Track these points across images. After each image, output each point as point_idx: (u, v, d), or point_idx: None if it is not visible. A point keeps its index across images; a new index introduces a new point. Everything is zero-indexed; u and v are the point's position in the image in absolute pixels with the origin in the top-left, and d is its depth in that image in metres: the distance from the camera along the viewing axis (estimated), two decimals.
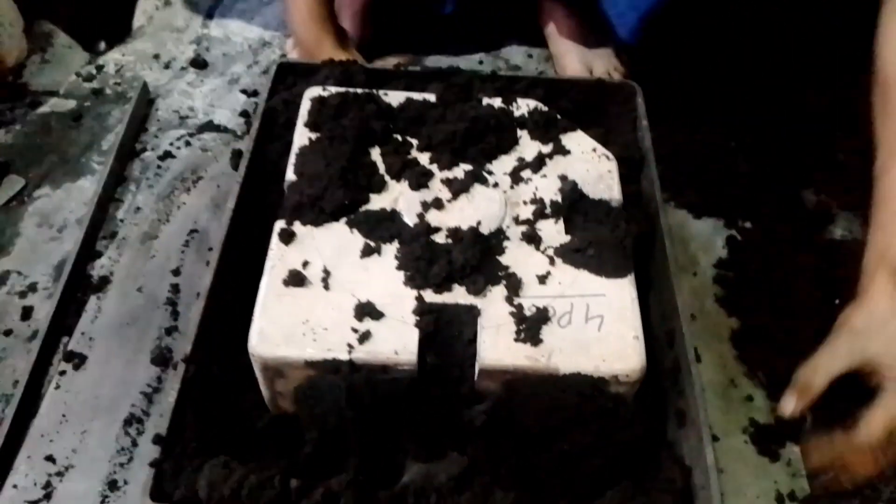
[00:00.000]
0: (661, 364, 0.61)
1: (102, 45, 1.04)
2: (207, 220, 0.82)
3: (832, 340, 0.59)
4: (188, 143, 0.91)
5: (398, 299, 0.54)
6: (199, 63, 1.02)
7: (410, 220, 0.59)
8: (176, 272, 0.77)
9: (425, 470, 0.49)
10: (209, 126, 0.93)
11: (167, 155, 0.89)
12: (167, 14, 1.10)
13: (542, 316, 0.54)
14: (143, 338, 0.72)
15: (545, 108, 0.69)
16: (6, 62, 0.94)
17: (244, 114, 0.95)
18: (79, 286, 0.76)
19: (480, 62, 1.04)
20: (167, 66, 1.02)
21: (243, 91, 0.98)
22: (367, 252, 0.57)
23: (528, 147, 0.66)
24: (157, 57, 1.03)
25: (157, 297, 0.75)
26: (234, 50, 1.04)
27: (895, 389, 0.56)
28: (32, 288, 0.76)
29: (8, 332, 0.73)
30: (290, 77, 0.79)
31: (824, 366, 0.58)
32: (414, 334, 0.52)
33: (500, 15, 1.06)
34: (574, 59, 0.98)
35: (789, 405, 0.59)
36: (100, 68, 1.00)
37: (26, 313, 0.74)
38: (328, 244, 0.58)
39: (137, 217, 0.83)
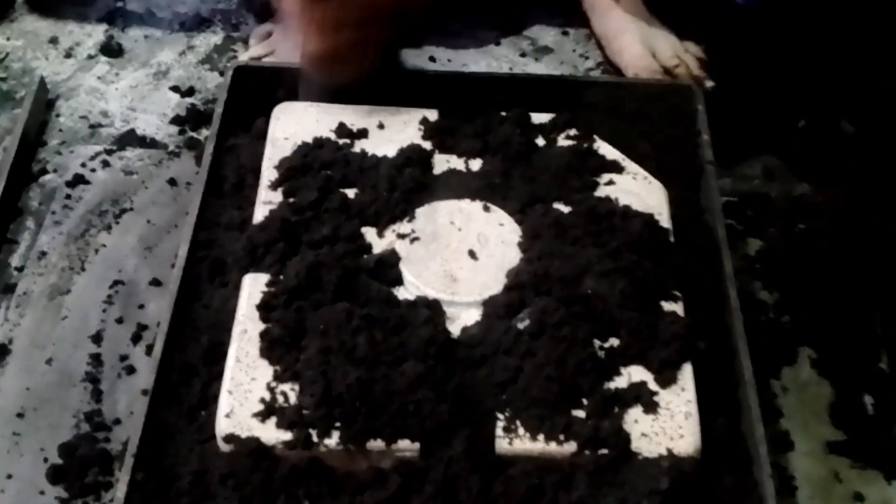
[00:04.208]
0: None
1: None
2: (135, 268, 0.79)
3: None
4: (106, 164, 0.88)
5: None
6: (112, 50, 0.99)
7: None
8: (96, 338, 0.75)
9: None
10: (131, 138, 0.91)
11: (78, 180, 0.86)
12: None
13: None
14: (58, 425, 0.70)
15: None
16: None
17: (178, 120, 0.92)
18: None
19: (497, 43, 1.00)
20: (69, 55, 0.99)
21: (174, 88, 0.95)
22: None
23: None
24: (54, 42, 1.00)
25: (73, 373, 0.73)
26: (160, 31, 1.02)
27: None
28: None
29: None
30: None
31: None
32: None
33: None
34: (634, 39, 0.93)
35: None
36: None
37: None
38: None
39: (41, 265, 0.80)
